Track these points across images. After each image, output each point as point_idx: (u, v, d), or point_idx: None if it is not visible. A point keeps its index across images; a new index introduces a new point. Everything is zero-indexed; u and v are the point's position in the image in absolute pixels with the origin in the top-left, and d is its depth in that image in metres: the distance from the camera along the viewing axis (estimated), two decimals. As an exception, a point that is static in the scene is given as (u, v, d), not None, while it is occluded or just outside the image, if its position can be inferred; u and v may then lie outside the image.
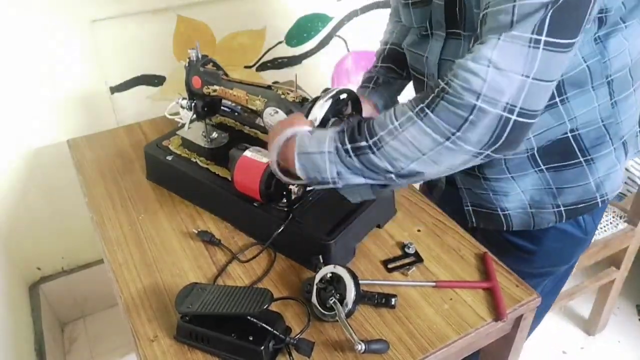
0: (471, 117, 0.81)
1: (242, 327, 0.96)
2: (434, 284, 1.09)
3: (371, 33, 2.18)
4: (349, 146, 0.92)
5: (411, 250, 1.16)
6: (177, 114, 1.41)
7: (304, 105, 1.07)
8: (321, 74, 2.19)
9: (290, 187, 1.13)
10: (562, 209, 1.15)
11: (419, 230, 1.23)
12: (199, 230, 1.23)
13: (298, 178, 0.99)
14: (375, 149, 0.89)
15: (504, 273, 1.12)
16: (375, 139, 0.89)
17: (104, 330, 2.16)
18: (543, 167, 1.11)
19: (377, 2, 2.12)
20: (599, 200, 1.13)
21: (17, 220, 1.92)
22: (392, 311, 1.05)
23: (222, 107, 1.43)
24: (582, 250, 1.30)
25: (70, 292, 2.13)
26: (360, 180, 0.94)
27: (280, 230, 1.14)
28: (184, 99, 1.36)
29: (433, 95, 0.84)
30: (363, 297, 1.04)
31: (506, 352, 1.13)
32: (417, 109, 0.85)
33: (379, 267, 1.15)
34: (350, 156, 0.92)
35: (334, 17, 2.08)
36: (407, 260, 1.15)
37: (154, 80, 1.92)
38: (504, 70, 0.79)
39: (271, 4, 1.96)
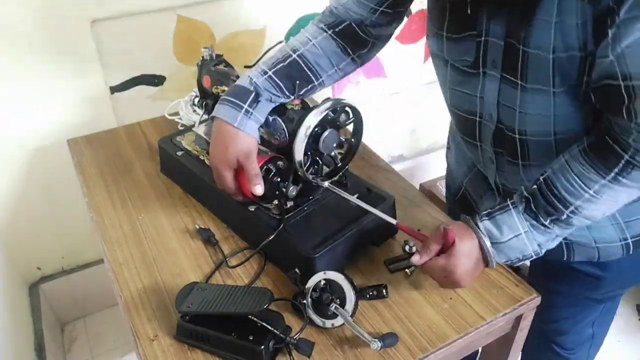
0: None
1: (242, 326, 0.96)
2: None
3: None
4: (547, 221, 0.96)
5: (412, 250, 1.16)
6: (176, 114, 1.41)
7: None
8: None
9: (284, 188, 1.12)
10: (629, 241, 1.11)
11: (419, 230, 1.22)
12: (199, 227, 1.23)
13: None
14: (573, 216, 0.94)
15: (503, 272, 1.11)
16: (572, 207, 0.93)
17: (104, 330, 2.16)
18: None
19: (377, 2, 2.11)
20: None
21: (17, 220, 1.92)
22: (392, 310, 1.05)
23: None
24: None
25: (70, 292, 2.12)
26: (558, 241, 0.99)
27: (269, 239, 1.12)
28: (196, 96, 1.36)
29: (623, 163, 0.87)
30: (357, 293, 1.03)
31: (506, 352, 1.12)
32: (609, 177, 0.89)
33: (379, 267, 1.15)
34: (548, 227, 0.96)
35: (334, 17, 2.08)
36: (408, 261, 1.14)
37: (154, 80, 1.92)
38: None
39: (271, 4, 1.96)
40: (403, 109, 2.52)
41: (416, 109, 2.54)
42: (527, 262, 1.04)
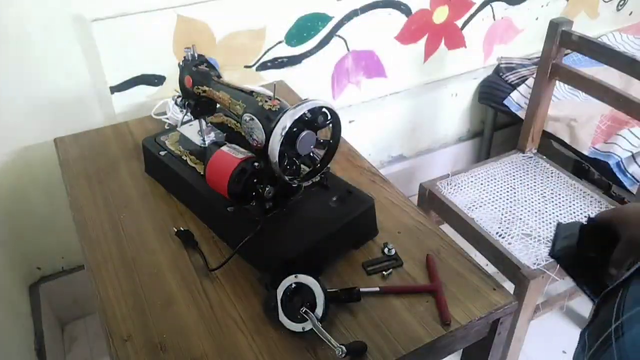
0: None
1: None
2: (378, 289, 1.07)
3: (371, 33, 2.17)
4: None
5: (391, 253, 1.14)
6: (163, 113, 1.40)
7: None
8: (321, 73, 2.17)
9: (261, 189, 1.10)
10: None
11: (399, 232, 1.21)
12: (178, 229, 1.22)
13: None
14: None
15: (481, 276, 1.09)
16: None
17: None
18: None
19: (377, 2, 2.09)
20: None
21: (17, 220, 1.92)
22: (367, 313, 1.03)
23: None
24: None
25: (70, 292, 2.13)
26: None
27: (245, 240, 1.10)
28: (178, 97, 1.36)
29: None
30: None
31: (485, 355, 1.10)
32: None
33: (357, 270, 1.13)
34: None
35: (334, 17, 2.06)
36: (386, 263, 1.13)
37: (154, 80, 1.91)
38: None
39: (271, 4, 1.95)
40: (403, 109, 2.49)
41: (416, 109, 2.51)
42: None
